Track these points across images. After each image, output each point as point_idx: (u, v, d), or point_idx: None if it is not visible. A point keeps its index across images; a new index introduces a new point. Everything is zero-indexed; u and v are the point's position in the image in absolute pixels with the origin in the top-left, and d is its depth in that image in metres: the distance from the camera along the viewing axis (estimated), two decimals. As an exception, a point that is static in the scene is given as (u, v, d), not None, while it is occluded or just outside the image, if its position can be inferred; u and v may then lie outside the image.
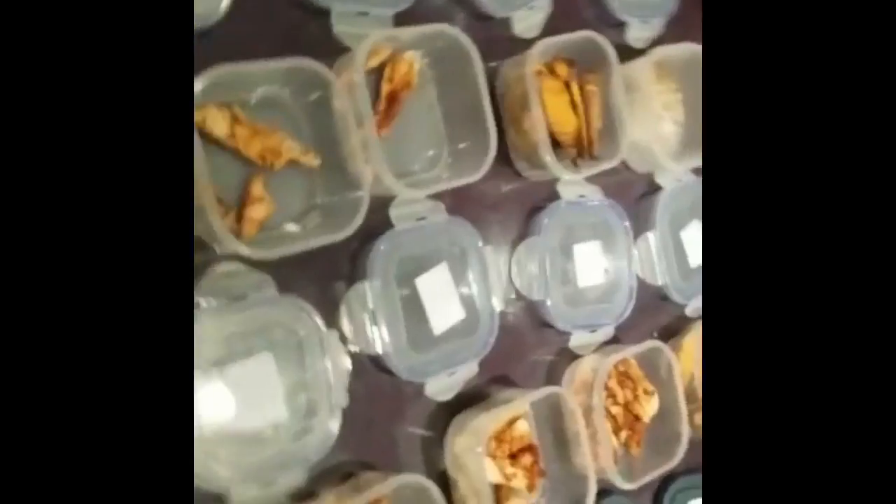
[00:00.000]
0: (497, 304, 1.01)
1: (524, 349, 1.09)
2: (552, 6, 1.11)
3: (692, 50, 1.18)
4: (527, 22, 1.09)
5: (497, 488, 0.99)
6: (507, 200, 1.08)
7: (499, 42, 1.06)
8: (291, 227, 0.88)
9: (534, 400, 1.02)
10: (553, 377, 1.11)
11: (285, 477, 0.83)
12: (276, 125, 0.87)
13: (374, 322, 0.89)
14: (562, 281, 1.11)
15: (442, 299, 0.97)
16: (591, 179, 1.13)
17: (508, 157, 1.07)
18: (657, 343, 1.14)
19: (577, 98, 1.07)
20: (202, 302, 0.79)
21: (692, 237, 1.25)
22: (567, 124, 1.07)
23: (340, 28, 0.92)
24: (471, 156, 0.97)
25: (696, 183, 1.25)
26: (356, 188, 0.86)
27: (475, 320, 1.00)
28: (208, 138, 0.82)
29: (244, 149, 0.84)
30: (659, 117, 1.17)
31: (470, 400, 1.01)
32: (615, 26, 1.18)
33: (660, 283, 1.19)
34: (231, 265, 0.82)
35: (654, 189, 1.22)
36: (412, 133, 0.99)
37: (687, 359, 1.19)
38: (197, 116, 0.80)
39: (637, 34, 1.21)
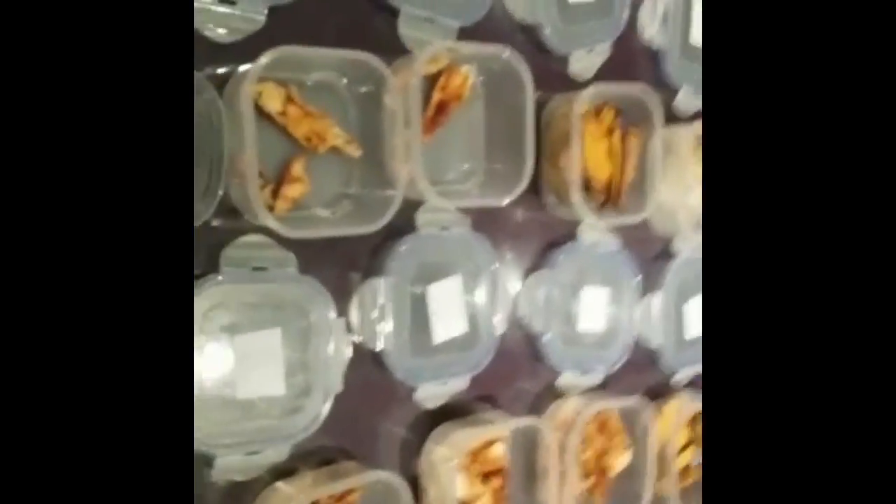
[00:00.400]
0: (499, 327, 1.03)
1: (515, 375, 1.11)
2: (612, 53, 1.13)
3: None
4: (584, 63, 1.11)
5: (462, 504, 1.00)
6: (529, 229, 1.10)
7: (552, 76, 1.08)
8: (322, 212, 0.90)
9: (515, 427, 1.03)
10: (536, 409, 1.13)
11: (269, 450, 0.84)
12: (327, 111, 0.88)
13: (382, 318, 0.91)
14: (564, 319, 1.12)
15: (448, 310, 0.99)
16: (611, 229, 1.15)
17: (538, 187, 1.08)
18: (641, 401, 1.16)
19: (617, 147, 1.10)
20: (225, 268, 0.81)
21: (694, 310, 1.26)
22: (601, 170, 1.09)
23: (405, 30, 0.94)
24: (504, 179, 0.99)
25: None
26: (390, 186, 0.88)
27: (476, 337, 1.02)
28: (261, 112, 0.84)
29: (292, 128, 0.86)
30: (689, 187, 1.19)
31: (455, 412, 1.02)
32: (666, 87, 1.20)
33: (654, 345, 1.21)
34: (259, 237, 0.84)
35: (670, 254, 1.24)
36: (452, 144, 1.01)
37: (665, 425, 1.21)
38: (255, 90, 0.81)
39: (687, 101, 1.23)
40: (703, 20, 1.19)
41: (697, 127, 1.16)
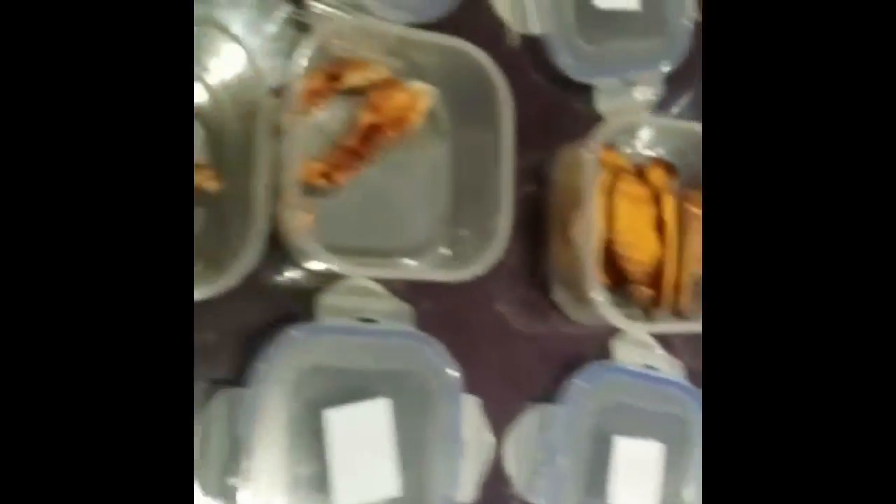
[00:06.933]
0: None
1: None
2: (671, 88, 0.77)
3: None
4: (617, 100, 0.75)
5: None
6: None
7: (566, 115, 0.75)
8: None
9: None
10: None
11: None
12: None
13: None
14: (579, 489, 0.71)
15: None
16: (669, 345, 0.75)
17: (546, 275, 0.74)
18: None
19: (671, 220, 0.74)
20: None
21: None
22: (642, 249, 0.73)
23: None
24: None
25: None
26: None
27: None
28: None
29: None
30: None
31: None
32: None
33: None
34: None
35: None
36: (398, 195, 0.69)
37: None
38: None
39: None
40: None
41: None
